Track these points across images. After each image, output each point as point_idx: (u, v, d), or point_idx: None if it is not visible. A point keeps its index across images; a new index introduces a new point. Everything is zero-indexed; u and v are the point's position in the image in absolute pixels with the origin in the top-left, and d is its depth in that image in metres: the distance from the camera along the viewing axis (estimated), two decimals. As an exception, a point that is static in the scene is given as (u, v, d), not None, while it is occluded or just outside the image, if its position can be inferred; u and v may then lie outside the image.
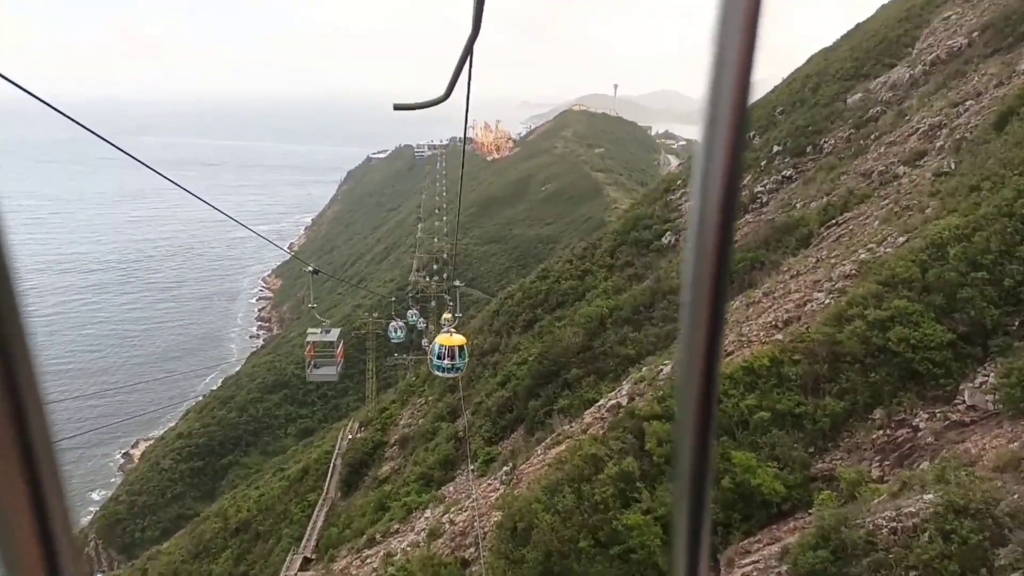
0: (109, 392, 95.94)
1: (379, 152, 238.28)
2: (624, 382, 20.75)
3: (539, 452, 19.47)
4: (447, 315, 28.91)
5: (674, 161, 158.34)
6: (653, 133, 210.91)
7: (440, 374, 23.41)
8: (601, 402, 20.06)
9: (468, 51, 4.56)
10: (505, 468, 19.56)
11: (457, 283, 35.47)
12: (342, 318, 78.86)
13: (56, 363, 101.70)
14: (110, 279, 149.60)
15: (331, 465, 39.88)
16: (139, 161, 8.17)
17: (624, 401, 17.51)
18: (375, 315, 63.17)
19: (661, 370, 17.80)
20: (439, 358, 22.33)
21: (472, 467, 25.13)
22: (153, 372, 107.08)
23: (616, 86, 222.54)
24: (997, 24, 25.57)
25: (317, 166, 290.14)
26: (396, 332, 43.29)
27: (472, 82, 6.00)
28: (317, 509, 35.30)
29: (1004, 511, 7.95)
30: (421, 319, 55.72)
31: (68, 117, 7.28)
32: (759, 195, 29.20)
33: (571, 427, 20.26)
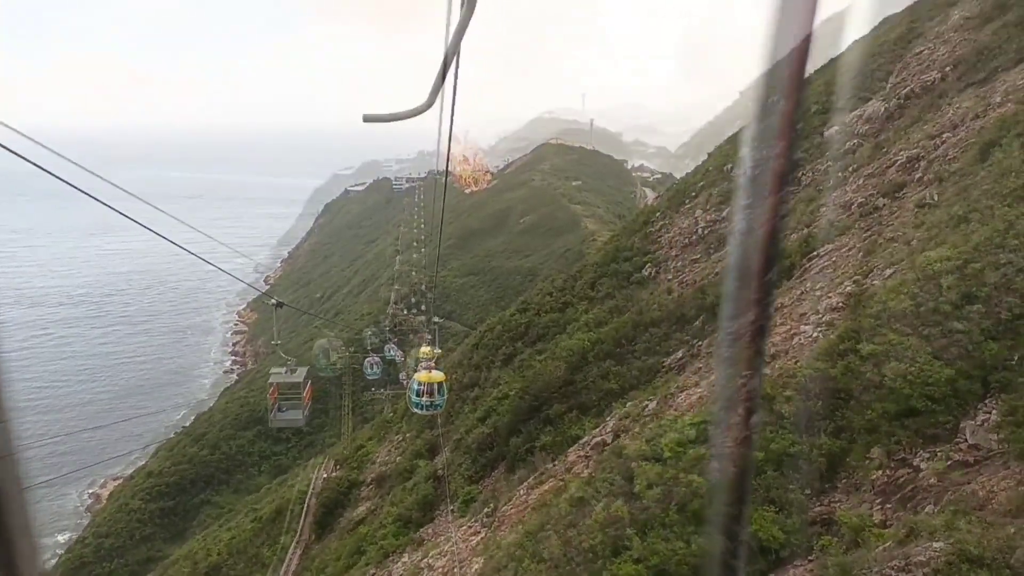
0: (75, 431, 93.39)
1: (357, 185, 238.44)
2: (608, 418, 20.12)
3: (521, 492, 18.73)
4: (426, 348, 27.91)
5: (651, 194, 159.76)
6: (629, 167, 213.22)
7: (419, 411, 23.05)
8: (585, 439, 19.44)
9: (444, 68, 4.27)
10: (486, 509, 18.78)
11: (437, 319, 34.75)
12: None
13: (24, 399, 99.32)
14: (81, 313, 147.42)
15: (305, 505, 38.56)
16: (128, 192, 8.29)
17: (609, 438, 16.91)
18: (351, 350, 61.88)
19: (646, 406, 17.27)
20: (418, 395, 22.07)
21: (452, 507, 24.27)
22: (123, 408, 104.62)
23: (584, 96, 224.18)
24: (969, 59, 25.95)
25: (297, 198, 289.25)
26: (372, 368, 42.17)
27: (451, 98, 5.98)
28: (290, 552, 33.98)
29: (1021, 560, 7.47)
30: (399, 352, 54.70)
31: (49, 148, 7.31)
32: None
33: (554, 465, 19.56)
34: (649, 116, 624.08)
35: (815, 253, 21.35)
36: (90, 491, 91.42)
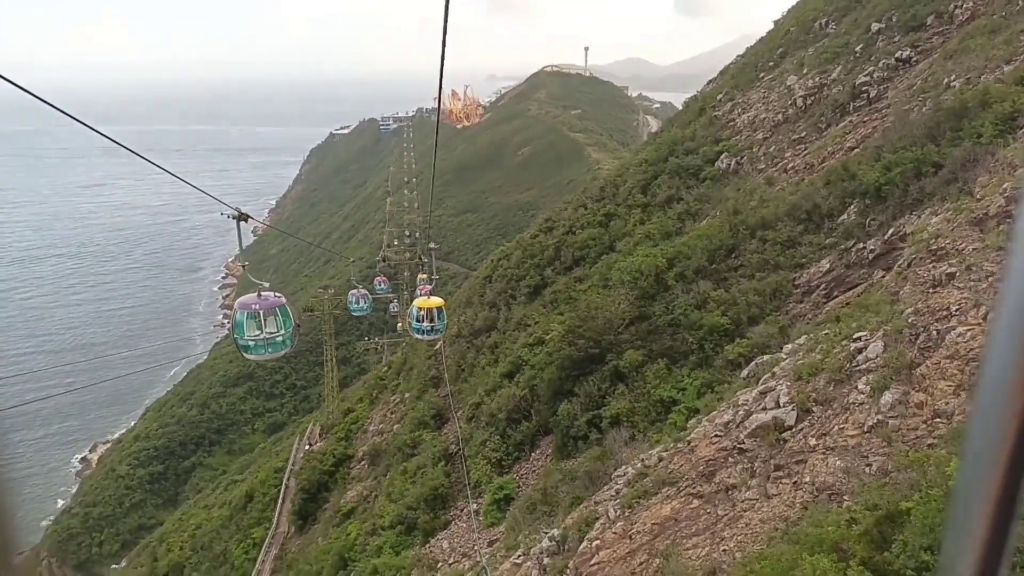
0: (56, 395, 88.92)
1: (342, 128, 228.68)
2: (727, 369, 11.88)
3: (612, 504, 10.60)
4: (422, 276, 24.91)
5: (654, 122, 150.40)
6: (631, 94, 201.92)
7: (420, 336, 21.68)
8: (691, 404, 11.25)
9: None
10: (550, 541, 10.61)
11: (433, 245, 26.69)
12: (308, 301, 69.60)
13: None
14: (68, 269, 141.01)
15: (282, 487, 30.64)
16: (124, 147, 8.31)
17: (763, 408, 8.90)
18: (331, 291, 53.25)
19: (808, 346, 8.98)
20: (418, 320, 20.42)
21: (475, 507, 16.17)
22: (113, 367, 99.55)
23: (587, 49, 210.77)
24: None
25: (282, 147, 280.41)
26: (358, 303, 33.40)
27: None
28: (263, 552, 26.19)
29: None
30: (393, 297, 46.10)
31: (46, 103, 6.97)
32: (863, 88, 20.37)
33: (654, 454, 11.38)
34: (652, 72, 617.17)
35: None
36: (79, 456, 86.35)
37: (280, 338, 13.62)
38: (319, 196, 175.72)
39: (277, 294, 14.14)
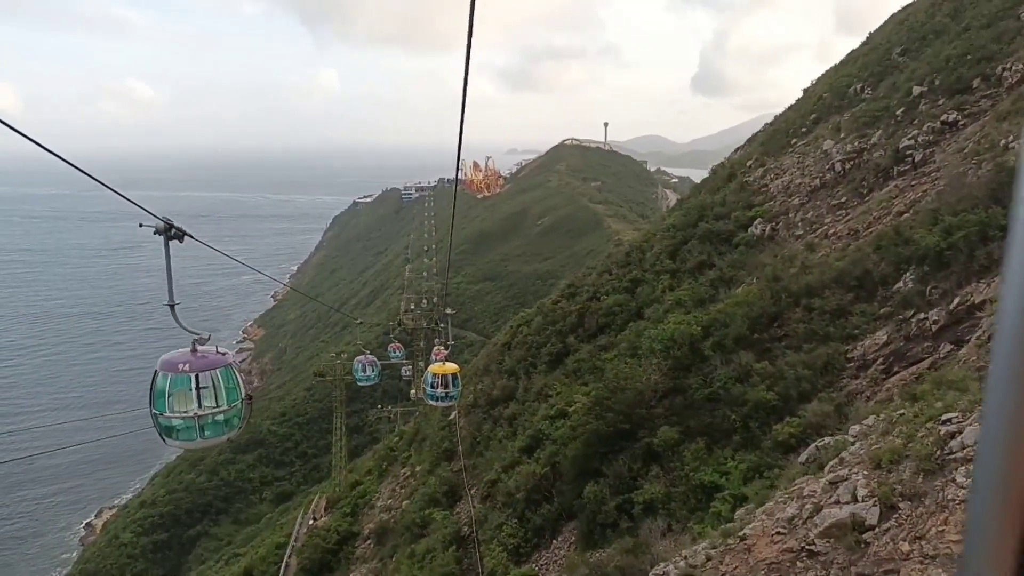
0: (70, 463, 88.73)
1: (365, 196, 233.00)
2: (795, 456, 10.34)
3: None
4: (438, 343, 25.61)
5: (672, 196, 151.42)
6: (650, 169, 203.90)
7: (434, 403, 21.43)
8: (771, 502, 9.73)
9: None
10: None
11: (450, 310, 25.58)
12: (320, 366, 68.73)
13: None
14: (91, 327, 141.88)
15: (282, 565, 28.70)
16: (148, 211, 8.15)
17: (835, 502, 7.51)
18: (344, 356, 51.89)
19: (893, 423, 7.53)
20: (432, 387, 20.43)
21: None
22: (125, 427, 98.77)
23: (607, 124, 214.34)
24: None
25: (306, 215, 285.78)
26: (364, 371, 30.64)
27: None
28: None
29: None
30: (406, 364, 44.46)
31: (79, 168, 7.30)
32: (907, 152, 19.34)
33: (699, 551, 9.79)
34: (670, 148, 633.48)
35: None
36: (85, 521, 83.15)
37: (222, 416, 9.37)
38: (339, 263, 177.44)
39: (222, 350, 9.74)
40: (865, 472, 8.38)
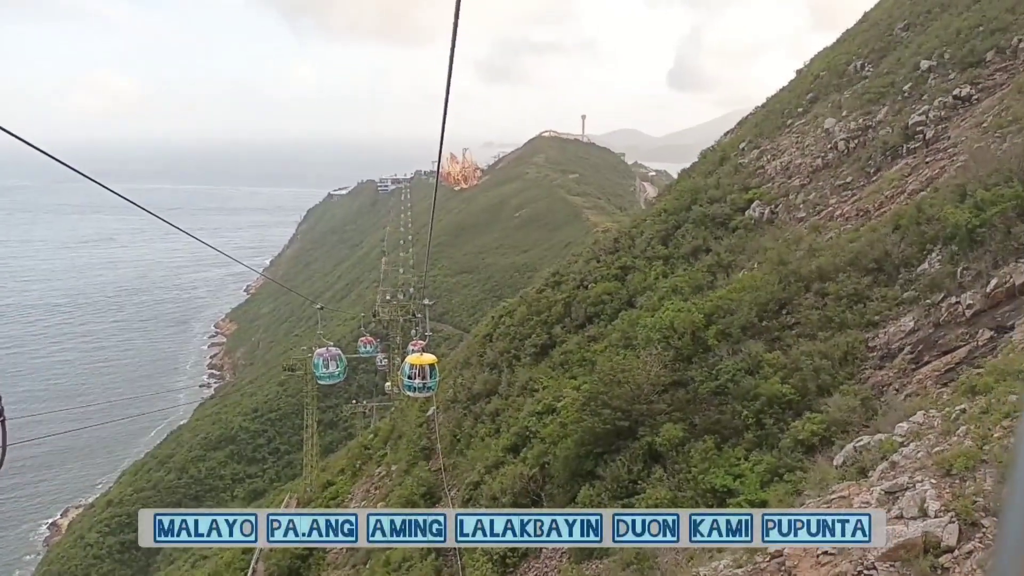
0: (33, 459, 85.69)
1: (340, 189, 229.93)
2: (826, 457, 8.95)
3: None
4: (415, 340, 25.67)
5: (650, 188, 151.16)
6: (628, 161, 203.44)
7: (411, 393, 21.32)
8: (748, 496, 8.41)
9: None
10: None
11: (427, 301, 23.93)
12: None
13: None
14: (58, 321, 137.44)
15: (249, 571, 26.98)
16: (132, 203, 8.61)
17: (898, 516, 6.13)
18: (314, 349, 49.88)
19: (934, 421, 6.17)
20: (410, 378, 20.37)
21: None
22: (90, 430, 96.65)
23: (584, 117, 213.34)
24: None
25: (280, 207, 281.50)
26: (327, 366, 27.19)
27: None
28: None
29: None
30: (381, 356, 42.63)
31: (61, 162, 7.38)
32: (917, 128, 18.13)
33: (720, 568, 8.31)
34: (646, 142, 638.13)
35: None
36: (49, 520, 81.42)
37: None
38: (314, 255, 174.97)
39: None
40: (933, 481, 6.99)
